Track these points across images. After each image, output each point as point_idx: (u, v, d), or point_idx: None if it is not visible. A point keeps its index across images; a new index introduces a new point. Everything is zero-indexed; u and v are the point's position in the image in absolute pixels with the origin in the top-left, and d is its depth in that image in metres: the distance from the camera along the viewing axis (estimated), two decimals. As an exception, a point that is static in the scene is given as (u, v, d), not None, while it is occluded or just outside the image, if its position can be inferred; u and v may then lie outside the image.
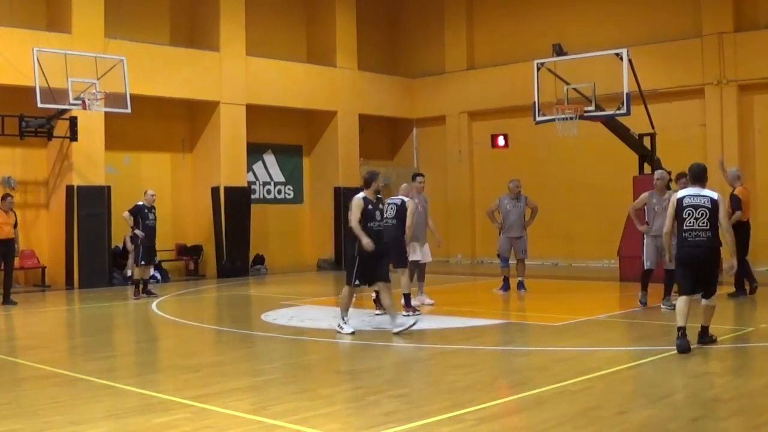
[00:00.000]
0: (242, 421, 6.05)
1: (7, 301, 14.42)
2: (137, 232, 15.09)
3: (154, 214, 15.35)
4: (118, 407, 6.53)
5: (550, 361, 8.41)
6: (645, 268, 12.18)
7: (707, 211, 8.54)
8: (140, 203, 15.28)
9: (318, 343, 10.08)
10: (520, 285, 14.92)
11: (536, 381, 7.25)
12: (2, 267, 14.56)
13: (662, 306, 11.86)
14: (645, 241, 12.12)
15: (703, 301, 8.73)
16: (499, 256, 15.26)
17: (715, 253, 8.66)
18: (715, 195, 8.66)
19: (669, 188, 12.53)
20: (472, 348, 9.33)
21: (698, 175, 8.82)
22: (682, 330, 8.44)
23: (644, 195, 12.23)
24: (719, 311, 11.44)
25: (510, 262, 15.18)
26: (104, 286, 17.49)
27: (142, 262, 15.21)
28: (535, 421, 5.98)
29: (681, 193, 8.82)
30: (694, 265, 8.63)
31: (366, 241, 9.90)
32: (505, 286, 15.06)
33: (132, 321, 13.12)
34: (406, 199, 12.27)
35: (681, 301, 8.62)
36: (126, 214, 15.33)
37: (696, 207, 8.59)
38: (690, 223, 8.58)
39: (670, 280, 11.57)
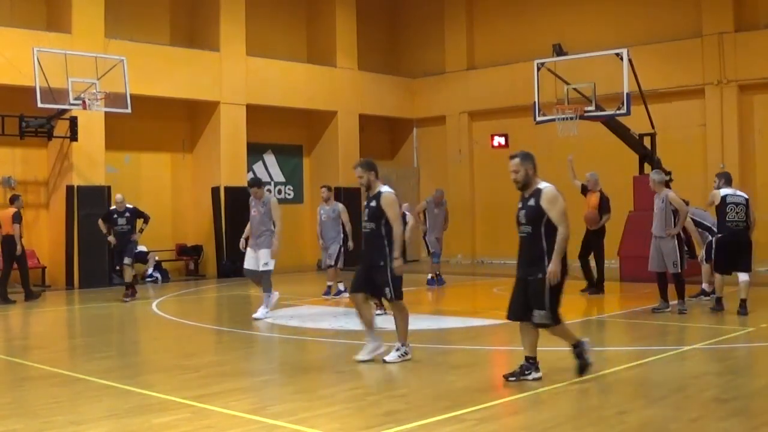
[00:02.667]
0: (242, 421, 6.05)
1: (6, 300, 14.53)
2: (109, 238, 14.97)
3: (126, 218, 14.90)
4: (118, 407, 6.53)
5: (550, 361, 8.40)
6: (649, 270, 11.90)
7: (744, 207, 11.27)
8: (111, 208, 15.12)
9: (318, 343, 10.08)
10: (440, 279, 16.96)
11: (536, 381, 7.25)
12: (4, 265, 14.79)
13: (678, 308, 11.49)
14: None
15: (741, 277, 11.15)
16: (432, 253, 16.59)
17: (749, 238, 11.40)
18: (745, 195, 11.48)
19: (669, 187, 12.54)
20: (472, 348, 9.33)
21: (731, 180, 11.71)
22: (720, 299, 11.38)
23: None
24: (718, 313, 11.49)
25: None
26: (104, 286, 17.49)
27: (117, 267, 15.00)
28: (535, 421, 5.98)
29: (723, 192, 11.34)
30: (735, 247, 11.18)
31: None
32: (441, 280, 16.83)
33: (132, 321, 13.11)
34: (407, 213, 12.87)
35: (720, 279, 11.41)
36: (100, 221, 15.17)
37: (737, 203, 11.28)
38: (732, 216, 11.21)
39: (681, 283, 11.49)
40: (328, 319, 12.00)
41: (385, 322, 11.27)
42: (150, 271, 18.97)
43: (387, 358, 8.15)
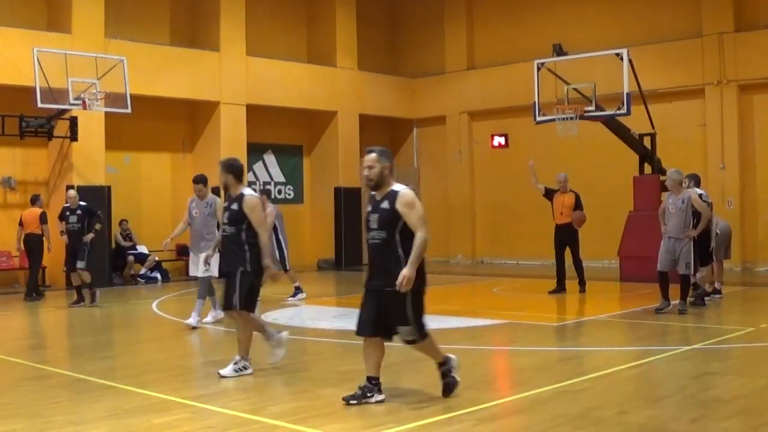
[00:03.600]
0: (242, 421, 6.05)
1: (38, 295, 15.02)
2: (62, 237, 14.26)
3: (78, 216, 13.96)
4: (118, 407, 6.53)
5: (550, 361, 8.41)
6: (658, 270, 11.58)
7: (711, 205, 12.23)
8: (65, 205, 14.42)
9: (318, 343, 10.07)
10: None
11: (536, 381, 7.25)
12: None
13: (679, 308, 11.36)
14: (661, 242, 11.60)
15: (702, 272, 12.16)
16: None
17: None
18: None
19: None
20: (472, 348, 9.33)
21: (700, 181, 12.53)
22: (711, 291, 12.52)
23: (664, 195, 12.13)
24: (718, 313, 11.49)
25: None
26: (104, 286, 17.47)
27: (64, 269, 14.26)
28: (535, 421, 5.98)
29: (699, 191, 11.92)
30: (706, 243, 12.16)
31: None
32: None
33: (132, 321, 13.11)
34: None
35: (707, 270, 12.34)
36: (58, 220, 14.49)
37: (708, 204, 11.97)
38: None
39: (687, 284, 11.41)
40: (328, 319, 12.00)
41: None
42: (143, 271, 18.92)
43: (222, 371, 7.67)
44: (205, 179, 11.61)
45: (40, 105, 15.95)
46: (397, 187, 6.49)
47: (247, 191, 7.84)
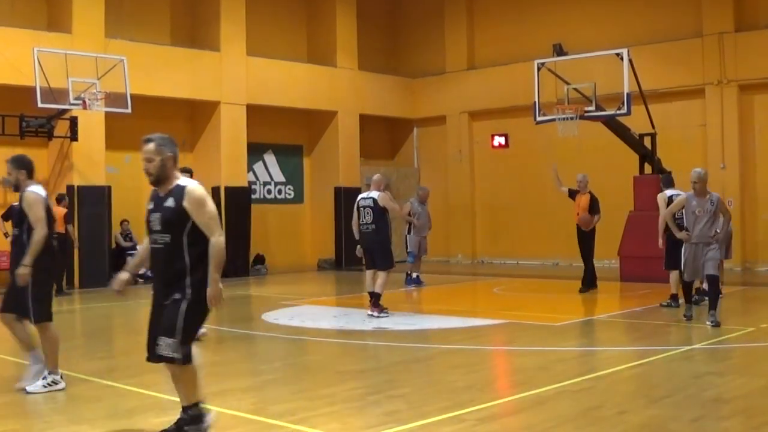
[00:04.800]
0: (242, 421, 6.05)
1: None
2: (7, 239, 13.47)
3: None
4: (118, 407, 6.53)
5: (550, 361, 8.41)
6: (684, 280, 10.88)
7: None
8: (13, 204, 14.10)
9: (318, 343, 10.07)
10: (419, 279, 16.51)
11: (536, 381, 7.25)
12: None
13: (708, 322, 10.24)
14: (684, 249, 10.64)
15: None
16: (409, 253, 16.32)
17: None
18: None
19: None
20: (472, 348, 9.33)
21: (673, 181, 12.30)
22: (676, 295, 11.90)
23: (681, 198, 10.96)
24: (718, 313, 11.49)
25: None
26: (104, 286, 17.46)
27: (10, 274, 13.82)
28: (536, 421, 5.98)
29: (669, 193, 11.72)
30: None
31: None
32: (418, 280, 16.52)
33: (132, 321, 13.09)
34: (376, 194, 11.69)
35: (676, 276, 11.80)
36: (1, 221, 13.90)
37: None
38: (679, 215, 11.05)
39: (718, 288, 10.59)
40: (328, 319, 12.00)
41: (383, 322, 11.27)
42: (143, 271, 18.86)
43: (29, 388, 6.96)
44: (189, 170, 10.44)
45: (40, 105, 15.95)
46: (183, 181, 5.49)
47: (30, 188, 7.10)
